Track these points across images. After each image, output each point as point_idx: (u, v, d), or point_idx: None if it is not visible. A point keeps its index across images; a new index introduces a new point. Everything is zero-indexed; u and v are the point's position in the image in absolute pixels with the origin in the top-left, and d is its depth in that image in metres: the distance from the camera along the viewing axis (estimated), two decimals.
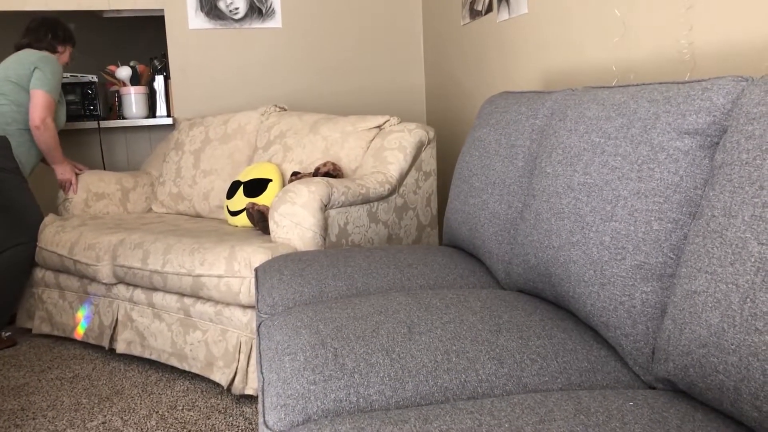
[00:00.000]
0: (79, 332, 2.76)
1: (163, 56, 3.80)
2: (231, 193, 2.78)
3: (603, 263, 1.21)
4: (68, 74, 3.60)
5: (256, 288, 1.77)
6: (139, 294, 2.51)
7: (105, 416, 2.13)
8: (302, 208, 2.20)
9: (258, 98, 3.73)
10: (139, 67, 3.72)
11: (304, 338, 1.27)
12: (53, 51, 3.06)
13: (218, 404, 2.18)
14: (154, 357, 2.45)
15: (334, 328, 1.29)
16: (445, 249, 1.99)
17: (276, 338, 1.32)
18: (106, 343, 2.59)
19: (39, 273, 2.96)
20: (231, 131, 3.13)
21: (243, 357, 2.18)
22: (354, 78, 3.83)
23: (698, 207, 1.10)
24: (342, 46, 3.79)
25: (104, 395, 2.28)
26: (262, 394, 1.19)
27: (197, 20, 3.59)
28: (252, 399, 2.23)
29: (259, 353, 1.34)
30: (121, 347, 2.55)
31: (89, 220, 2.97)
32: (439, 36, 3.57)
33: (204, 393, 2.28)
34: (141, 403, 2.21)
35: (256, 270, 1.88)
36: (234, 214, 2.73)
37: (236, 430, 2.01)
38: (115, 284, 2.60)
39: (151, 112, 3.72)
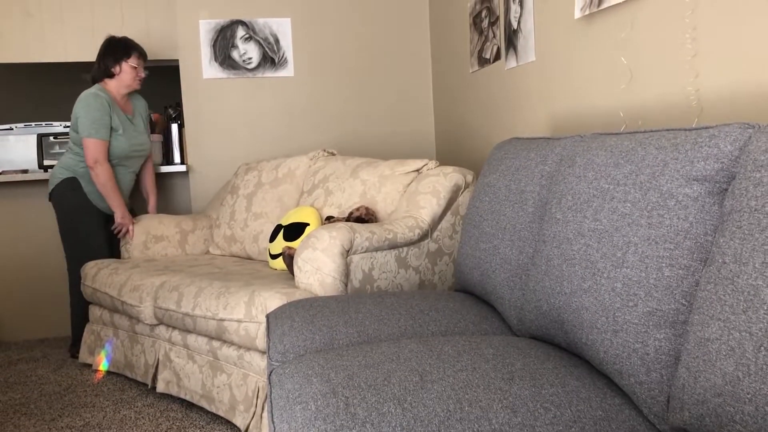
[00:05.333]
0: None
1: (178, 105, 3.87)
2: (273, 237, 2.82)
3: (615, 310, 1.21)
4: None
5: (267, 335, 1.76)
6: (176, 335, 2.58)
7: None
8: (323, 254, 2.21)
9: (272, 146, 3.78)
10: (154, 116, 3.79)
11: (315, 387, 1.26)
12: (110, 76, 3.18)
13: None
14: (188, 398, 2.51)
15: (345, 377, 1.29)
16: (457, 294, 1.98)
17: (287, 386, 1.31)
18: (149, 382, 2.70)
19: (97, 312, 3.08)
20: (281, 175, 3.19)
21: (259, 402, 2.17)
22: (365, 124, 3.88)
23: (709, 253, 1.10)
24: (353, 93, 3.85)
25: None
26: None
27: (211, 70, 3.67)
28: None
29: (270, 402, 1.33)
30: (161, 386, 2.62)
31: (143, 262, 3.05)
32: (448, 83, 3.63)
33: None
34: None
35: (268, 316, 1.88)
36: (274, 257, 2.77)
37: None
38: (157, 325, 2.68)
39: (166, 160, 3.78)
